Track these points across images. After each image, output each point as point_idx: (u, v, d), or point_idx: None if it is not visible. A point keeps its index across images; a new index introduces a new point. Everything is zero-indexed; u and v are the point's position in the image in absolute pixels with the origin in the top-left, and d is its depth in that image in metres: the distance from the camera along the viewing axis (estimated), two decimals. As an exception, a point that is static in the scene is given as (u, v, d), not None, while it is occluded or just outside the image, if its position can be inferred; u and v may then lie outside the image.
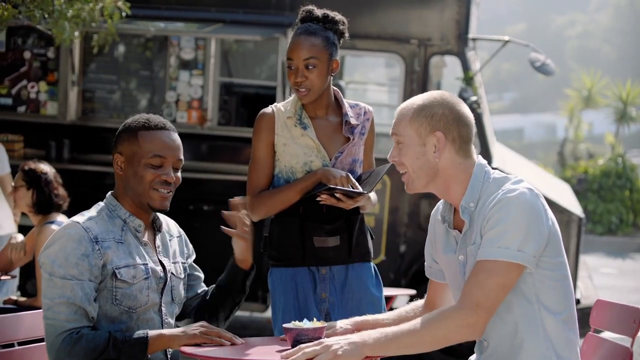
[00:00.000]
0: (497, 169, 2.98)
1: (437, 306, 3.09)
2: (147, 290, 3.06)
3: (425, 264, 3.20)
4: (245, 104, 8.53)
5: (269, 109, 3.86)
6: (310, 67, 3.74)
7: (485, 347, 2.92)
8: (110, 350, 2.91)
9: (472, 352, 3.09)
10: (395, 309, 3.25)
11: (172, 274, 3.16)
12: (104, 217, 3.09)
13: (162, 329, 3.09)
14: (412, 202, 7.98)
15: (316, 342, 2.71)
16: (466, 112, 2.95)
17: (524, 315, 2.84)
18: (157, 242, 3.17)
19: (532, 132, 46.66)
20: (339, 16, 3.84)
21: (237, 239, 3.24)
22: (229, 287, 3.26)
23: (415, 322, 2.76)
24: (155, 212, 3.16)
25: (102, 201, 3.16)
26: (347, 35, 3.87)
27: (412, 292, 6.34)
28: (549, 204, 2.92)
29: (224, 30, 8.08)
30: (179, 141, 3.15)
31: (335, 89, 3.92)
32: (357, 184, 3.72)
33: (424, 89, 7.73)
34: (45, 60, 8.30)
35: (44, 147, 8.10)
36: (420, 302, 3.22)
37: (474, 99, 7.80)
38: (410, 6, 8.12)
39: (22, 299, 5.44)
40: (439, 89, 9.26)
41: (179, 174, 3.14)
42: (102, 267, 2.99)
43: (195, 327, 2.96)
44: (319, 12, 3.83)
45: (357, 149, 3.90)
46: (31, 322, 3.29)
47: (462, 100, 3.53)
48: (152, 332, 2.97)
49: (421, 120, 2.92)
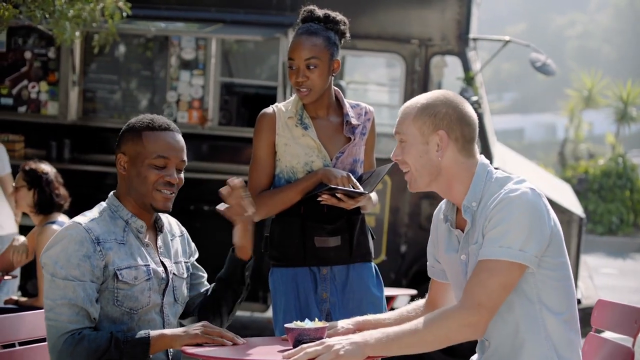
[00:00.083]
0: (499, 169, 2.97)
1: (438, 306, 3.09)
2: (148, 291, 3.05)
3: (427, 263, 3.19)
4: (246, 104, 8.53)
5: (270, 109, 3.86)
6: (311, 67, 3.74)
7: (486, 347, 2.92)
8: (112, 350, 2.90)
9: (473, 353, 3.09)
10: (395, 309, 3.25)
11: (173, 274, 3.15)
12: (106, 217, 3.07)
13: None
14: (412, 202, 7.97)
15: (318, 342, 2.71)
16: (469, 112, 2.95)
17: (525, 315, 2.84)
18: (159, 243, 3.16)
19: (533, 132, 46.64)
20: (340, 16, 3.84)
21: (234, 221, 3.17)
22: (228, 279, 3.24)
23: (416, 322, 2.76)
24: (158, 212, 3.15)
25: (104, 201, 3.15)
26: (348, 35, 3.87)
27: (413, 292, 6.33)
28: (550, 204, 2.92)
29: (225, 30, 8.07)
30: (182, 142, 3.14)
31: (336, 89, 3.91)
32: (358, 184, 3.72)
33: (424, 89, 7.72)
34: (46, 60, 8.30)
35: (45, 147, 8.09)
36: (421, 302, 3.22)
37: (474, 99, 7.80)
38: (410, 6, 8.12)
39: (23, 299, 5.43)
40: (439, 89, 9.25)
41: (182, 175, 3.13)
42: (103, 268, 2.98)
43: (196, 327, 2.95)
44: (320, 12, 3.83)
45: (358, 149, 3.89)
46: (32, 322, 3.29)
47: (463, 100, 3.52)
48: (153, 332, 2.96)
49: (424, 119, 2.92)
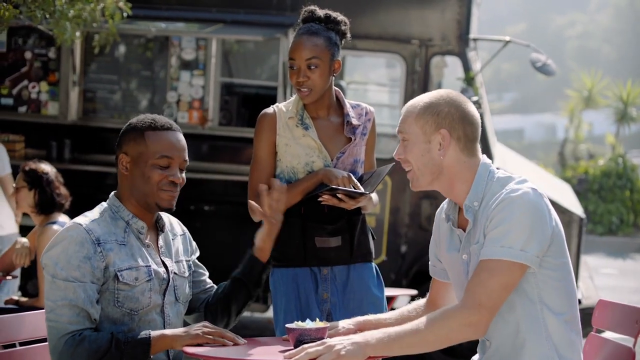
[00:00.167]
0: (500, 169, 2.97)
1: (439, 305, 3.09)
2: (149, 292, 3.04)
3: (429, 262, 3.19)
4: (246, 104, 8.52)
5: (270, 109, 3.86)
6: (312, 67, 3.74)
7: (487, 346, 2.92)
8: (112, 351, 2.89)
9: (473, 353, 3.09)
10: (396, 309, 3.25)
11: (175, 273, 3.15)
12: (106, 218, 3.07)
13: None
14: (413, 202, 7.97)
15: (319, 342, 2.71)
16: (472, 111, 2.95)
17: (526, 315, 2.84)
18: (160, 243, 3.16)
19: (533, 133, 46.64)
20: (341, 16, 3.84)
21: (264, 220, 3.21)
22: (245, 279, 3.22)
23: (417, 322, 2.76)
24: (161, 212, 3.14)
25: (105, 201, 3.14)
26: (349, 35, 3.87)
27: (414, 292, 6.34)
28: (550, 204, 2.92)
29: (225, 30, 8.07)
30: (184, 142, 3.14)
31: (336, 89, 3.91)
32: (359, 185, 3.72)
33: (424, 89, 7.72)
34: (46, 60, 8.30)
35: (45, 148, 8.09)
36: (422, 302, 3.22)
37: (474, 99, 7.79)
38: (411, 6, 8.12)
39: (24, 299, 5.43)
40: (440, 89, 9.25)
41: (183, 175, 3.12)
42: (104, 269, 2.97)
43: (197, 327, 2.95)
44: (321, 12, 3.83)
45: (359, 149, 3.89)
46: (33, 323, 3.28)
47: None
48: (154, 333, 2.96)
49: (427, 117, 2.92)
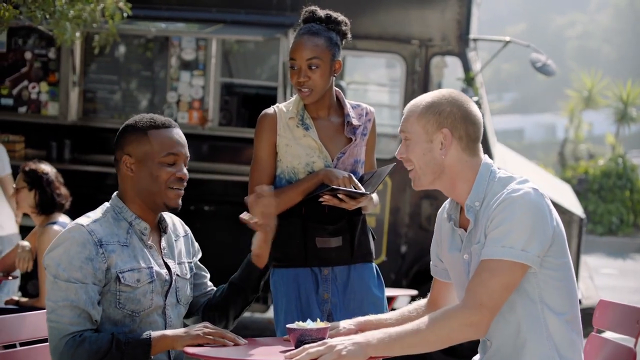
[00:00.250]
0: (502, 169, 2.98)
1: (440, 305, 3.09)
2: (151, 293, 3.04)
3: (430, 262, 3.19)
4: (246, 104, 8.52)
5: (271, 110, 3.85)
6: (313, 68, 3.74)
7: (488, 346, 2.92)
8: (113, 352, 2.89)
9: (473, 353, 3.09)
10: (396, 309, 3.25)
11: (177, 275, 3.14)
12: (109, 219, 3.06)
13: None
14: (413, 202, 7.97)
15: (320, 342, 2.71)
16: (474, 111, 2.95)
17: (527, 315, 2.84)
18: (163, 244, 3.15)
19: (533, 133, 46.67)
20: (341, 17, 3.84)
21: (256, 229, 3.18)
22: (242, 285, 3.22)
23: (418, 322, 2.76)
24: (168, 211, 3.13)
25: (107, 202, 3.13)
26: (349, 36, 3.87)
27: (414, 292, 6.33)
28: (551, 204, 2.92)
29: (225, 30, 8.07)
30: (184, 137, 3.14)
31: (337, 89, 3.91)
32: (360, 185, 3.72)
33: (425, 89, 7.72)
34: (46, 60, 8.30)
35: (45, 148, 8.09)
36: (422, 302, 3.22)
37: (475, 99, 7.77)
38: (411, 6, 8.12)
39: (24, 300, 5.43)
40: (441, 88, 9.24)
41: (186, 170, 3.13)
42: (106, 270, 2.97)
43: (198, 328, 2.94)
44: (321, 12, 3.83)
45: (359, 149, 3.89)
46: (33, 323, 3.28)
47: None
48: (155, 333, 2.95)
49: (429, 117, 2.92)
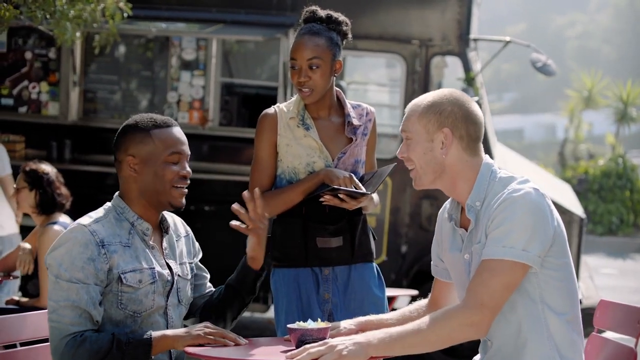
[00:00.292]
0: (503, 169, 2.98)
1: (441, 305, 3.09)
2: (152, 294, 3.04)
3: (431, 262, 3.20)
4: (246, 104, 8.52)
5: (271, 110, 3.86)
6: (313, 67, 3.74)
7: (489, 346, 2.92)
8: (114, 352, 2.89)
9: (474, 353, 3.09)
10: (396, 309, 3.25)
11: (178, 275, 3.14)
12: (111, 219, 3.06)
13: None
14: (413, 202, 7.97)
15: (321, 342, 2.71)
16: (475, 111, 2.96)
17: (528, 315, 2.84)
18: (164, 244, 3.15)
19: (533, 133, 46.67)
20: (342, 17, 3.84)
21: (248, 234, 3.17)
22: (239, 287, 3.22)
23: (419, 322, 2.76)
24: (173, 211, 3.13)
25: (109, 202, 3.13)
26: (350, 36, 3.87)
27: (414, 292, 6.34)
28: (551, 204, 2.92)
29: (226, 30, 8.07)
30: (184, 135, 3.15)
31: (337, 89, 3.91)
32: (360, 185, 3.72)
33: (425, 89, 7.72)
34: (46, 60, 8.30)
35: (45, 148, 8.09)
36: (423, 302, 3.22)
37: (475, 99, 7.77)
38: (411, 6, 8.11)
39: (24, 300, 5.43)
40: (442, 88, 9.23)
41: (189, 168, 3.14)
42: (107, 271, 2.97)
43: (199, 328, 2.94)
44: (322, 12, 3.83)
45: (360, 149, 3.89)
46: (34, 323, 3.28)
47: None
48: (155, 333, 2.95)
49: (430, 116, 2.93)
